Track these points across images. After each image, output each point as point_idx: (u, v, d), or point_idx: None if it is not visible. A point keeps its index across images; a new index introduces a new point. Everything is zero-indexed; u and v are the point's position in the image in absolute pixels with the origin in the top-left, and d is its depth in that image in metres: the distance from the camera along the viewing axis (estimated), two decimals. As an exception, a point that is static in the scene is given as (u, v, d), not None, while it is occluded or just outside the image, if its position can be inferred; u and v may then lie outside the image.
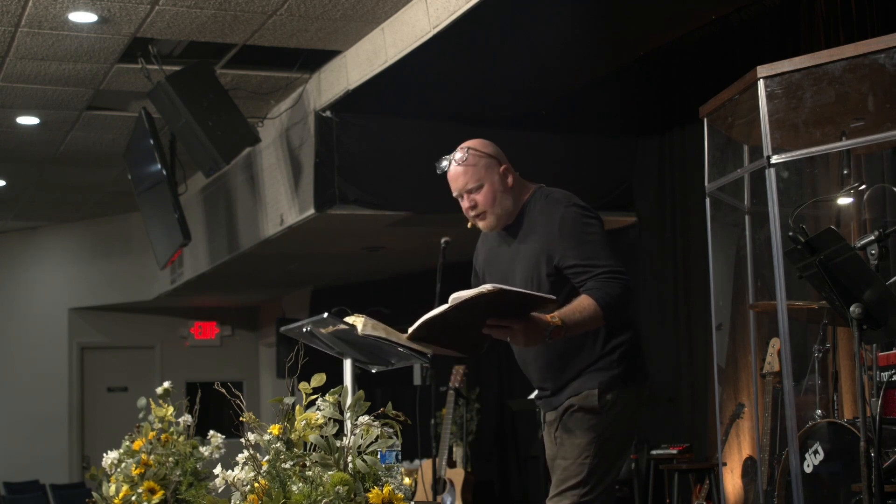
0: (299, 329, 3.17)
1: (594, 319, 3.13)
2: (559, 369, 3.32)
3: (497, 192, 3.35)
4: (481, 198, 3.35)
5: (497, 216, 3.38)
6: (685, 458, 6.78)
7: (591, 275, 3.17)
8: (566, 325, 3.06)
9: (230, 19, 6.33)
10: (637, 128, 8.11)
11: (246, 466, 2.61)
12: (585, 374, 3.28)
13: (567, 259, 3.22)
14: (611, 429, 3.27)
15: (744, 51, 6.81)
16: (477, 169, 3.35)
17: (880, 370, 4.07)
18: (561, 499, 3.25)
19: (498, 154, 3.41)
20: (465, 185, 3.36)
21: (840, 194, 5.20)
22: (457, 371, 8.13)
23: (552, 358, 3.32)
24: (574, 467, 3.25)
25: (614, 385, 3.27)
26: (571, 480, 3.24)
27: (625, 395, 3.29)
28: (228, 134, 6.93)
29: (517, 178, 3.42)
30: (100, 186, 10.60)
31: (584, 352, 3.29)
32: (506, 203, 3.36)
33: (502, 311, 3.00)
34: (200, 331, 13.39)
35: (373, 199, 7.38)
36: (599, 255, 3.21)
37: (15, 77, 7.23)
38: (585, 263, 3.19)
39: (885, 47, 4.14)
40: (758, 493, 5.52)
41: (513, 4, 5.77)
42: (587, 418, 3.26)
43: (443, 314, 2.94)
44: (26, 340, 12.43)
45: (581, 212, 3.30)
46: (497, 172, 3.36)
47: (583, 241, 3.23)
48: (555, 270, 3.26)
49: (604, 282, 3.15)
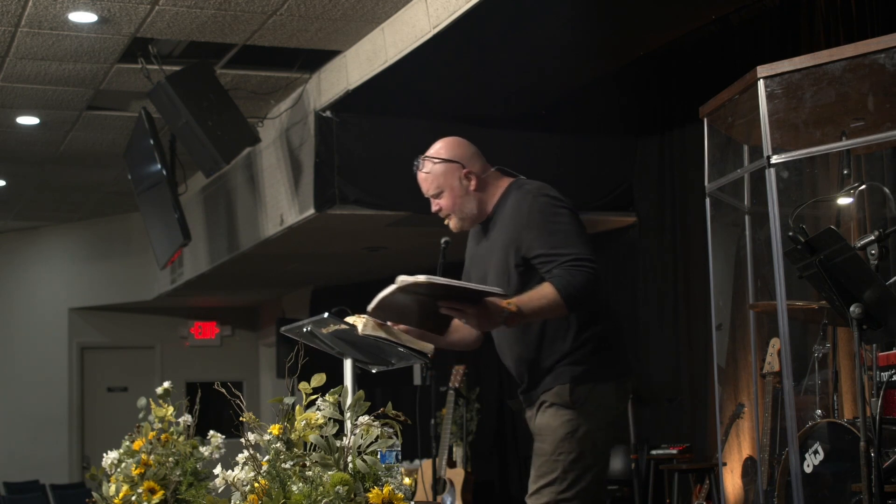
0: (299, 329, 3.17)
1: (555, 307, 3.10)
2: (533, 362, 3.31)
3: (457, 196, 3.38)
4: (443, 202, 3.40)
5: (460, 219, 3.42)
6: (685, 458, 6.78)
7: (555, 263, 3.15)
8: (522, 311, 3.05)
9: (230, 19, 6.33)
10: (637, 128, 8.11)
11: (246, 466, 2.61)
12: (558, 369, 3.26)
13: (533, 249, 3.21)
14: (586, 424, 3.23)
15: (744, 51, 6.81)
16: (435, 176, 3.39)
17: (880, 370, 4.07)
18: (538, 497, 3.22)
19: (462, 156, 3.40)
20: (427, 191, 3.43)
21: (840, 194, 5.20)
22: (457, 371, 8.13)
23: (525, 351, 3.32)
24: (548, 464, 3.22)
25: (587, 379, 3.24)
26: (547, 478, 3.21)
27: (599, 390, 3.25)
28: (228, 134, 6.94)
29: (487, 177, 3.41)
30: (100, 186, 10.61)
31: (556, 344, 3.27)
32: (468, 206, 3.39)
33: (456, 296, 3.01)
34: (200, 331, 13.39)
35: (373, 199, 7.38)
36: (565, 243, 3.18)
37: (15, 77, 7.23)
38: (551, 252, 3.17)
39: (885, 47, 4.13)
40: (758, 493, 5.52)
41: (513, 4, 5.77)
42: (560, 413, 3.24)
43: (391, 295, 2.98)
44: (26, 340, 12.44)
45: (549, 201, 3.27)
46: (457, 177, 3.38)
47: (550, 231, 3.21)
48: (522, 261, 3.25)
49: (566, 269, 3.12)
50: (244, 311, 13.57)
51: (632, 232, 8.24)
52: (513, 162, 3.50)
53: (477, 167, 3.41)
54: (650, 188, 7.99)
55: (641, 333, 7.93)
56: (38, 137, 8.74)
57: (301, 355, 2.76)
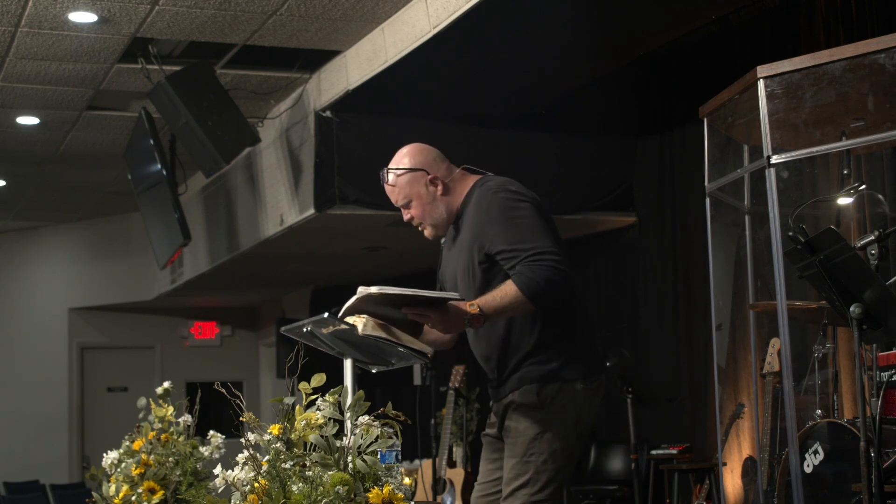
0: (299, 329, 3.16)
1: (518, 304, 3.08)
2: (500, 359, 3.30)
3: (425, 204, 3.38)
4: (414, 211, 3.41)
5: (433, 226, 3.42)
6: (685, 458, 6.78)
7: (518, 259, 3.13)
8: (485, 312, 3.05)
9: (230, 19, 6.33)
10: (637, 128, 8.11)
11: (246, 466, 2.61)
12: (524, 367, 3.25)
13: (495, 245, 3.19)
14: (555, 424, 3.22)
15: (744, 51, 6.81)
16: (401, 187, 3.39)
17: (880, 370, 4.07)
18: (513, 500, 3.21)
19: (424, 163, 3.39)
20: (396, 201, 3.43)
21: (840, 194, 5.20)
22: (457, 371, 8.13)
23: (492, 348, 3.32)
24: (520, 466, 3.21)
25: (554, 378, 3.22)
26: (520, 479, 3.20)
27: (567, 389, 3.23)
28: (228, 134, 6.94)
29: (453, 180, 3.40)
30: (100, 186, 10.61)
31: (522, 341, 3.25)
32: (437, 211, 3.39)
33: (415, 303, 3.03)
34: (200, 331, 13.40)
35: (373, 199, 7.37)
36: (526, 238, 3.15)
37: (15, 77, 7.23)
38: (512, 248, 3.15)
39: (885, 47, 4.13)
40: (758, 493, 5.52)
41: (513, 4, 5.77)
42: (529, 414, 3.23)
43: (355, 305, 3.00)
44: (26, 340, 12.44)
45: (509, 195, 3.25)
46: (423, 183, 3.37)
47: (510, 226, 3.19)
48: (486, 258, 3.24)
49: (528, 265, 3.09)
50: (244, 311, 13.58)
51: (632, 232, 8.24)
52: (513, 162, 3.51)
53: (441, 171, 3.40)
54: (650, 188, 7.99)
55: (641, 333, 7.93)
56: (38, 137, 8.74)
57: (301, 355, 2.76)
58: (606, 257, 8.58)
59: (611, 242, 8.49)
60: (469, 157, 3.62)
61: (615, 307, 8.28)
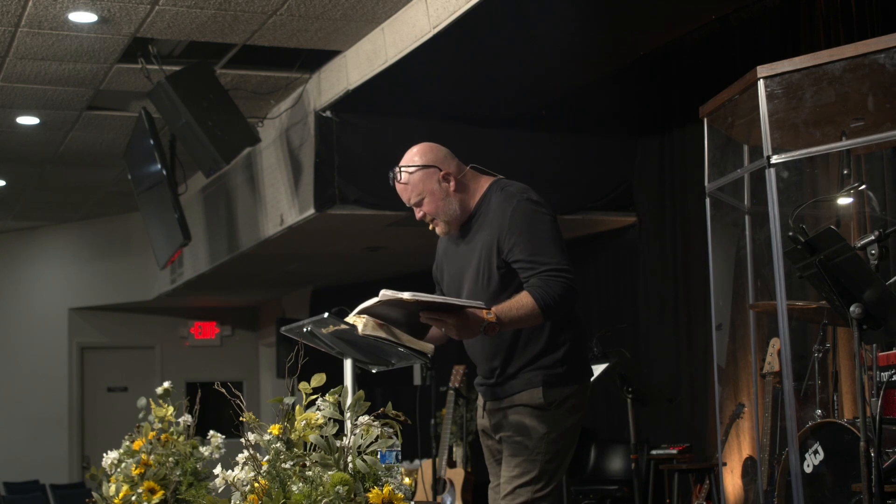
0: (299, 329, 3.17)
1: (532, 317, 3.17)
2: (504, 361, 3.36)
3: (438, 200, 3.43)
4: (426, 208, 3.45)
5: (446, 222, 3.46)
6: (685, 458, 6.78)
7: (535, 272, 3.21)
8: (501, 321, 3.12)
9: (230, 19, 6.33)
10: (637, 128, 8.11)
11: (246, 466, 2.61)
12: (530, 371, 3.32)
13: (514, 253, 3.27)
14: (559, 426, 3.31)
15: (744, 51, 6.81)
16: (413, 184, 3.44)
17: (880, 370, 4.07)
18: (514, 497, 3.28)
19: (436, 160, 3.44)
20: (409, 200, 3.48)
21: (840, 194, 5.20)
22: (457, 371, 8.13)
23: (498, 350, 3.36)
24: (525, 464, 3.29)
25: (558, 383, 3.31)
26: (525, 477, 3.28)
27: (570, 392, 3.33)
28: (228, 134, 6.94)
29: (465, 177, 3.45)
30: (100, 186, 10.61)
31: (529, 346, 3.33)
32: (451, 207, 3.43)
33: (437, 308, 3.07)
34: (200, 331, 13.39)
35: (373, 199, 7.37)
36: (546, 251, 3.24)
37: (15, 77, 7.23)
38: (531, 260, 3.23)
39: (885, 47, 4.13)
40: (758, 493, 5.53)
41: (513, 4, 5.77)
42: (536, 415, 3.30)
43: (372, 307, 3.03)
44: (26, 340, 12.44)
45: (533, 206, 3.32)
46: (435, 180, 3.42)
47: (531, 237, 3.26)
48: (504, 263, 3.30)
49: (545, 280, 3.18)
50: (244, 311, 13.58)
51: (632, 232, 8.24)
52: (513, 162, 3.52)
53: (453, 168, 3.45)
54: (650, 188, 7.99)
55: (641, 333, 7.93)
56: (38, 137, 8.74)
57: (301, 355, 2.76)
58: (606, 257, 8.58)
59: (611, 242, 8.49)
60: (469, 157, 3.62)
61: (615, 307, 8.28)
